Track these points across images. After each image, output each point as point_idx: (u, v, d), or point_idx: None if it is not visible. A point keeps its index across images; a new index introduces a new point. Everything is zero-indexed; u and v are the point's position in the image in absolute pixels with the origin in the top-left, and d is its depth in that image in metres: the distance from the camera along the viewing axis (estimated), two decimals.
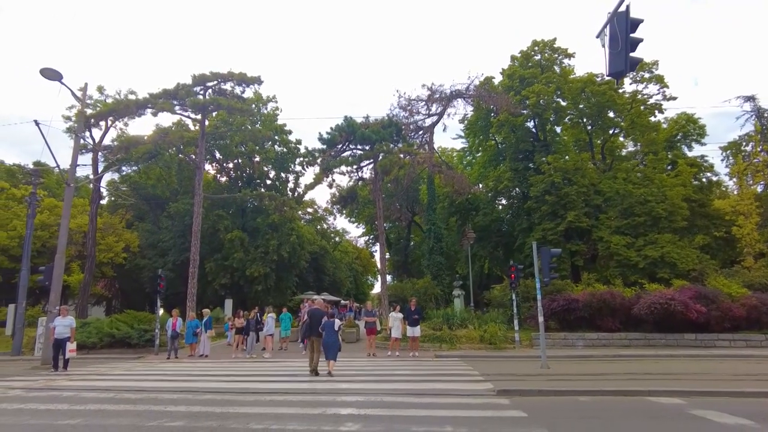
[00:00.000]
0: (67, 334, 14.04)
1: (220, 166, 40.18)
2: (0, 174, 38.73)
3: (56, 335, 14.02)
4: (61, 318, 14.36)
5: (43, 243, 30.04)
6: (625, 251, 25.90)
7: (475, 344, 18.36)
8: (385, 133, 26.10)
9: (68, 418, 7.33)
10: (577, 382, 10.30)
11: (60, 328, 14.05)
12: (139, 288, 37.42)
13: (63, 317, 14.39)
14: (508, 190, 34.40)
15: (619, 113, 30.72)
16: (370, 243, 56.87)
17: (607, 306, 19.47)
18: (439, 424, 6.68)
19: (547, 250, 14.02)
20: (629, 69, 8.15)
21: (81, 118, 20.67)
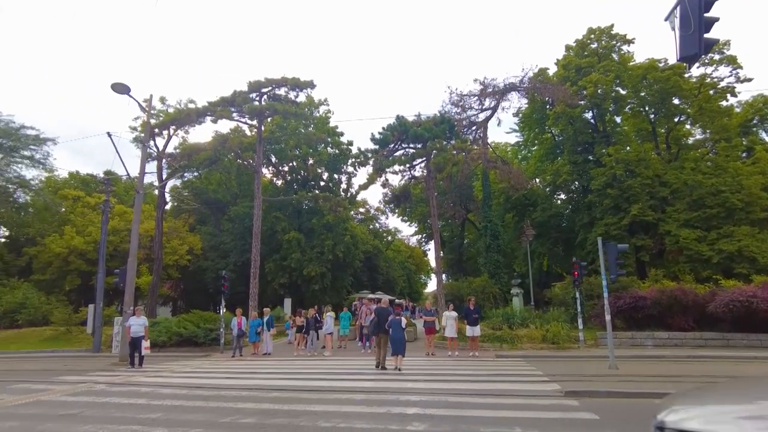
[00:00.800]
0: (142, 333, 14.85)
1: (276, 169, 41.28)
2: (76, 184, 41.69)
3: (132, 334, 14.84)
4: (136, 318, 15.20)
5: (115, 247, 31.97)
6: (695, 245, 24.41)
7: (536, 344, 17.87)
8: (438, 130, 25.90)
9: (149, 412, 7.76)
10: (650, 383, 9.77)
11: (135, 327, 14.86)
12: (203, 288, 39.11)
13: (137, 317, 15.23)
14: (567, 184, 33.30)
15: (686, 99, 28.94)
16: (423, 241, 56.67)
17: (678, 303, 18.39)
18: (507, 426, 6.55)
19: (613, 246, 13.43)
20: (703, 52, 7.59)
21: (147, 128, 21.81)
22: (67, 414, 7.73)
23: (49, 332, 25.01)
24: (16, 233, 37.41)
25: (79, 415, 7.62)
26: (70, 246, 31.72)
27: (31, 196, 34.18)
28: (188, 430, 6.51)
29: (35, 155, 32.43)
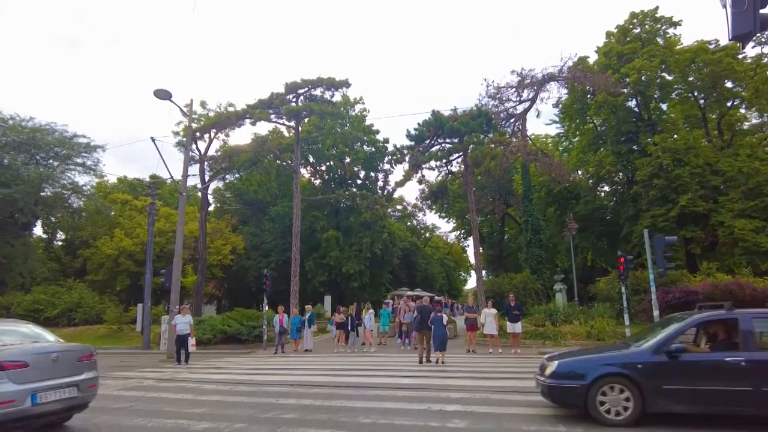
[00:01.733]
0: (187, 331, 15.32)
1: (314, 169, 41.76)
2: (124, 188, 43.53)
3: (178, 332, 15.35)
4: (181, 316, 15.67)
5: (162, 248, 33.15)
6: (753, 236, 23.11)
7: (581, 340, 17.36)
8: (475, 124, 25.51)
9: (194, 407, 7.99)
10: None
11: (181, 326, 15.34)
12: (245, 287, 40.08)
13: (183, 315, 15.71)
14: (610, 175, 32.20)
15: (740, 82, 27.45)
16: (462, 237, 56.13)
17: (733, 298, 17.37)
18: (550, 423, 6.39)
19: (660, 239, 12.89)
20: (759, 29, 7.03)
21: (189, 132, 22.48)
22: (120, 407, 8.06)
23: (102, 330, 26.22)
24: (71, 236, 39.45)
25: (130, 409, 7.93)
26: (120, 248, 33.13)
27: (84, 201, 35.85)
28: (231, 424, 6.65)
29: (87, 162, 34.00)
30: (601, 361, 6.80)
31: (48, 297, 28.79)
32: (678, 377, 6.32)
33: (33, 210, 31.09)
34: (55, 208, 34.33)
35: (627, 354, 6.89)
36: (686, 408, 6.30)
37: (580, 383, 6.50)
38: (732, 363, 6.17)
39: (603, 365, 6.63)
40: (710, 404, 6.22)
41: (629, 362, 6.54)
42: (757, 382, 5.99)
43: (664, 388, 6.26)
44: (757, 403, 6.02)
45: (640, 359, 6.52)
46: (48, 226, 39.74)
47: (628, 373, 6.38)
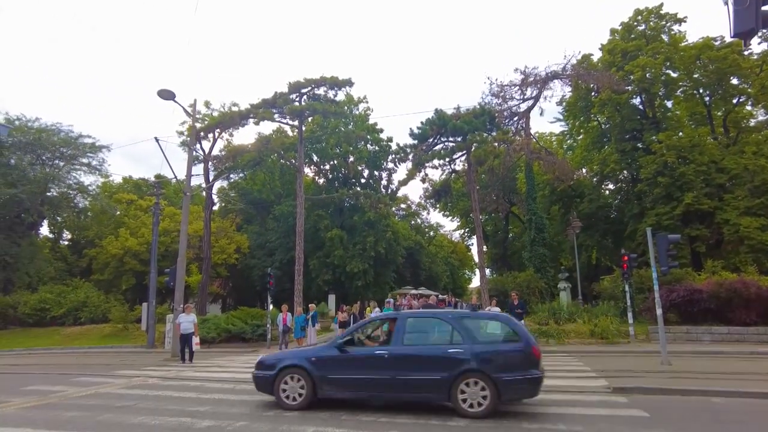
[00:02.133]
0: (192, 330, 15.35)
1: (318, 168, 41.84)
2: (129, 188, 43.76)
3: (182, 331, 15.36)
4: (186, 315, 15.69)
5: (166, 247, 33.32)
6: (758, 234, 23.01)
7: (584, 339, 17.37)
8: (478, 122, 25.48)
9: (198, 405, 8.05)
10: (707, 380, 9.27)
11: (185, 324, 15.35)
12: (250, 286, 40.22)
13: (187, 314, 15.73)
14: (615, 173, 32.10)
15: (746, 79, 27.25)
16: (466, 236, 56.06)
17: (738, 296, 17.39)
18: (551, 422, 6.41)
19: (663, 237, 12.81)
20: (761, 26, 6.96)
21: (193, 132, 22.57)
22: (124, 405, 8.13)
23: (108, 329, 26.40)
24: (77, 236, 39.75)
25: (134, 407, 8.00)
26: (125, 247, 33.34)
27: (90, 200, 36.14)
28: (234, 422, 6.70)
29: (92, 162, 34.30)
30: (291, 355, 8.18)
31: (54, 296, 29.02)
32: (341, 368, 7.44)
33: (39, 210, 31.36)
34: (61, 208, 34.62)
35: (312, 349, 8.39)
36: (348, 394, 7.54)
37: (270, 373, 7.68)
38: (378, 356, 7.29)
39: (289, 359, 7.81)
40: (365, 390, 7.39)
41: (307, 356, 7.69)
42: (394, 372, 7.08)
43: (330, 377, 7.39)
44: (393, 389, 7.16)
45: (316, 354, 7.75)
46: (54, 226, 40.11)
47: (303, 365, 7.50)
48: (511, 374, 6.73)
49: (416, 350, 7.29)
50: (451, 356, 6.98)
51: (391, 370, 7.09)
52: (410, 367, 7.10)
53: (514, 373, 6.74)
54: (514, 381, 6.72)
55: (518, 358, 6.89)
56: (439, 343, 7.38)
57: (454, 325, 7.33)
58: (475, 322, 7.66)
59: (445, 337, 7.35)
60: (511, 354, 6.99)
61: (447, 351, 7.09)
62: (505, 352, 7.05)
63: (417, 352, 7.26)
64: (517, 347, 7.00)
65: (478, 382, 6.73)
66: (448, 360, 6.96)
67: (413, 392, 7.13)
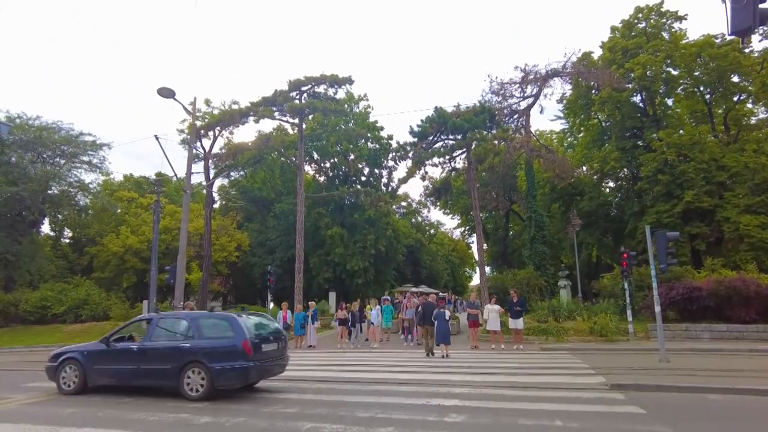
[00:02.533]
0: None
1: (318, 166, 41.81)
2: (130, 186, 43.80)
3: None
4: None
5: (167, 245, 33.37)
6: (758, 232, 23.01)
7: (584, 336, 17.37)
8: (478, 120, 25.46)
9: (196, 401, 8.08)
10: (704, 377, 9.30)
11: None
12: (251, 283, 40.26)
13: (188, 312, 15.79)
14: (615, 171, 32.10)
15: (746, 76, 27.20)
16: (467, 234, 56.06)
17: (738, 294, 17.34)
18: (548, 418, 6.43)
19: (662, 234, 12.82)
20: (758, 24, 6.95)
21: (193, 130, 22.59)
22: (123, 402, 8.19)
23: (109, 327, 26.37)
24: (78, 234, 39.80)
25: (133, 403, 8.06)
26: (126, 245, 33.39)
27: (90, 198, 36.14)
28: (232, 418, 6.76)
29: (93, 160, 34.28)
30: (72, 348, 9.70)
31: (55, 294, 29.06)
32: (104, 360, 9.02)
33: (40, 208, 31.40)
34: (62, 206, 34.65)
35: (88, 344, 9.96)
36: (111, 381, 9.00)
37: (54, 364, 9.23)
38: (131, 349, 8.86)
39: (69, 352, 9.39)
40: (118, 377, 8.89)
41: (83, 350, 9.38)
42: (140, 363, 8.61)
43: (95, 368, 8.99)
44: (139, 377, 8.64)
45: (88, 348, 9.46)
46: (55, 224, 40.17)
47: (78, 357, 9.12)
48: (222, 364, 8.07)
49: (158, 345, 8.73)
50: (181, 350, 8.45)
51: (139, 362, 8.63)
52: (152, 358, 8.58)
53: (225, 364, 8.07)
54: (224, 370, 8.06)
55: (231, 351, 8.15)
56: (176, 339, 8.81)
57: (191, 324, 8.77)
58: (207, 321, 8.94)
59: (183, 334, 8.81)
60: (226, 348, 8.22)
61: (179, 345, 8.57)
62: (222, 347, 8.28)
63: (158, 346, 8.69)
64: (230, 342, 8.25)
65: (199, 371, 8.14)
66: (179, 352, 8.42)
67: (153, 379, 8.61)
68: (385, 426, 6.14)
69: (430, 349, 14.29)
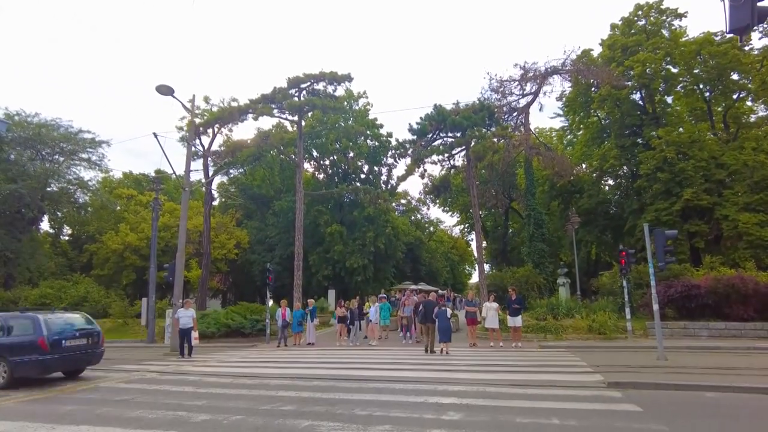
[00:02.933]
0: (191, 325, 15.49)
1: (318, 163, 41.79)
2: (129, 183, 43.76)
3: (180, 325, 15.45)
4: (184, 310, 15.77)
5: (166, 243, 33.37)
6: (757, 230, 23.03)
7: (582, 334, 17.39)
8: (477, 118, 25.44)
9: (195, 399, 8.13)
10: (701, 375, 9.31)
11: (183, 319, 15.45)
12: (250, 281, 40.27)
13: (186, 309, 15.81)
14: (614, 169, 32.09)
15: (746, 74, 27.19)
16: (466, 232, 56.09)
17: (736, 292, 17.38)
18: (545, 416, 6.44)
19: (661, 232, 12.82)
20: (756, 22, 6.96)
21: (191, 127, 22.59)
22: (122, 399, 8.22)
23: (108, 324, 26.46)
24: (78, 231, 39.76)
25: (132, 401, 8.07)
26: (125, 242, 33.38)
27: (90, 196, 36.09)
28: (229, 416, 6.76)
29: (92, 157, 34.21)
30: None
31: (55, 291, 29.08)
32: None
33: (39, 205, 31.37)
34: (61, 203, 34.60)
35: None
36: None
37: None
38: None
39: None
40: None
41: None
42: None
43: None
44: None
45: None
46: (54, 221, 40.12)
47: None
48: (21, 357, 9.57)
49: None
50: None
51: None
52: None
53: (24, 357, 9.57)
54: (22, 362, 9.57)
55: (29, 346, 9.61)
56: None
57: (3, 324, 10.09)
58: (16, 321, 10.18)
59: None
60: (25, 344, 9.63)
61: None
62: (22, 343, 9.68)
63: None
64: (30, 339, 9.65)
65: (3, 364, 9.61)
66: None
67: None
68: (383, 424, 6.15)
69: (430, 346, 14.44)
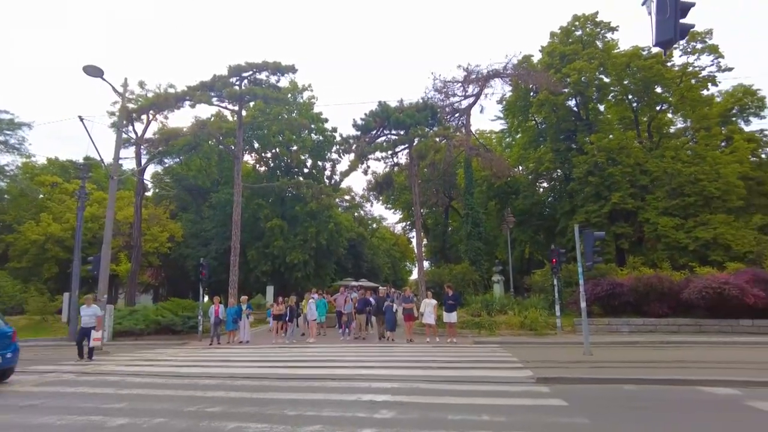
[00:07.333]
0: (93, 323, 13.85)
1: (259, 155, 40.65)
2: (54, 170, 40.72)
3: (82, 324, 13.82)
4: (86, 307, 14.06)
5: (94, 234, 31.37)
6: (673, 233, 24.74)
7: (515, 330, 18.00)
8: (420, 116, 25.63)
9: (114, 401, 7.61)
10: (622, 369, 9.87)
11: (85, 318, 13.81)
12: (185, 276, 38.64)
13: (88, 306, 14.08)
14: (549, 172, 33.43)
15: (668, 88, 29.14)
16: (408, 229, 56.66)
17: (654, 290, 18.64)
18: (476, 413, 6.53)
19: (589, 233, 13.46)
20: (679, 37, 7.46)
21: (122, 112, 21.30)
22: (29, 405, 7.54)
23: (23, 321, 24.52)
24: None
25: (40, 406, 7.44)
26: (47, 233, 31.07)
27: (7, 182, 33.29)
28: (151, 419, 6.38)
29: (10, 140, 31.50)
30: None
31: None
32: None
33: None
34: None
35: None
36: None
37: None
38: None
39: None
40: None
41: None
42: None
43: None
44: None
45: None
46: None
47: None
48: None
49: None
50: None
51: None
52: None
53: None
54: None
55: None
56: None
57: None
58: None
59: None
60: None
61: None
62: None
63: None
64: None
65: None
66: None
67: None
68: (313, 424, 6.01)
69: (381, 334, 17.69)
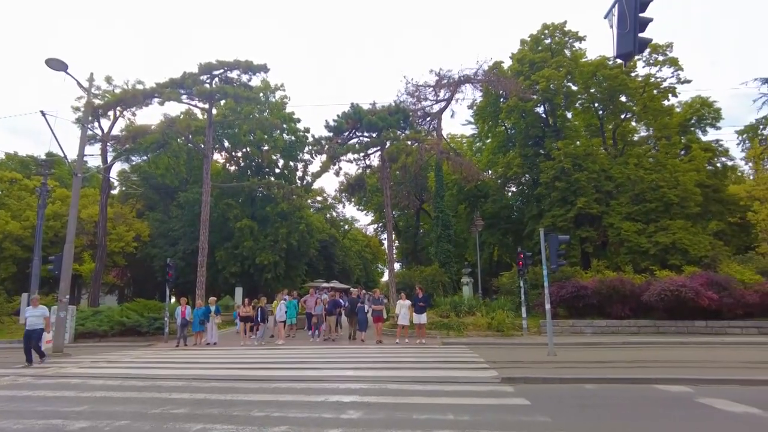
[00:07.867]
0: (40, 325, 12.98)
1: (230, 155, 40.07)
2: (14, 165, 39.23)
3: (27, 326, 12.88)
4: (32, 308, 13.15)
5: (56, 233, 30.39)
6: (635, 238, 25.57)
7: (482, 331, 18.32)
8: (392, 119, 25.84)
9: (75, 405, 7.43)
10: (583, 369, 10.21)
11: (31, 320, 12.88)
12: (151, 276, 37.76)
13: (34, 307, 13.18)
14: (517, 176, 34.04)
15: (632, 97, 30.11)
16: (379, 231, 56.82)
17: (616, 293, 19.27)
18: (441, 412, 6.65)
19: (555, 237, 13.86)
20: (638, 50, 7.92)
21: (88, 108, 20.71)
22: None
23: None
24: None
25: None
26: (5, 231, 29.94)
27: None
28: (113, 422, 6.27)
29: None
30: None
31: None
32: None
33: None
34: None
35: None
36: None
37: None
38: None
39: None
40: None
41: None
42: None
43: None
44: None
45: None
46: None
47: None
48: None
49: None
50: None
51: None
52: None
53: None
54: None
55: None
56: None
57: None
58: None
59: None
60: None
61: None
62: None
63: None
64: None
65: None
66: None
67: None
68: (280, 425, 6.02)
69: (352, 334, 18.58)
